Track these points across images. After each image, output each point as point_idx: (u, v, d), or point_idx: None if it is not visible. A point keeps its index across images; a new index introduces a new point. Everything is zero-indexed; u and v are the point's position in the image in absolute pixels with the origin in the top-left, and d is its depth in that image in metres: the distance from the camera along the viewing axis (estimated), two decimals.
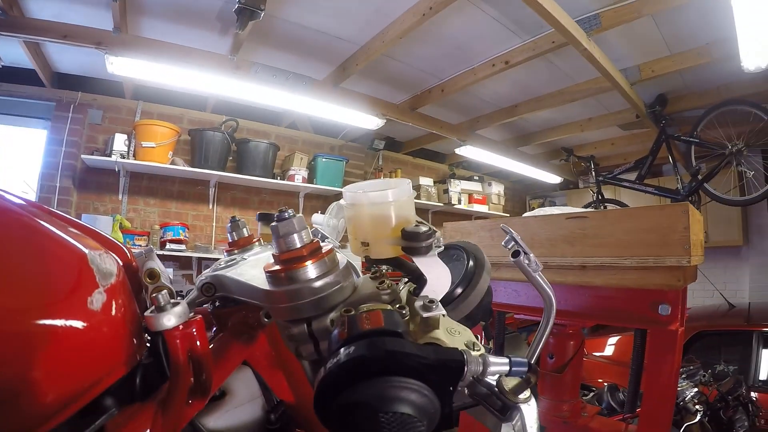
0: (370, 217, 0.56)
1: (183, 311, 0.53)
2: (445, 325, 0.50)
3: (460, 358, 0.43)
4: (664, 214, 1.54)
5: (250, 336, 0.73)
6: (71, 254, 0.52)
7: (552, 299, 0.74)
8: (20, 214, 0.51)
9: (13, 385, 0.41)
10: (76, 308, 0.48)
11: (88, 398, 0.49)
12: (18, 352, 0.42)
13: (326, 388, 0.39)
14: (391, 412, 0.37)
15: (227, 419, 0.76)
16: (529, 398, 0.48)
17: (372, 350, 0.39)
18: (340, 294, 0.54)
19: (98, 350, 0.50)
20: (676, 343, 1.61)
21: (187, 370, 0.54)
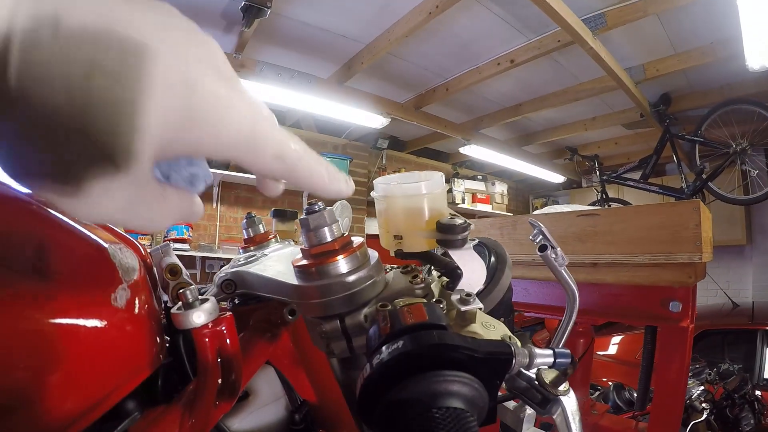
0: (404, 210, 0.55)
1: (213, 308, 0.51)
2: (480, 320, 0.49)
3: (508, 350, 0.42)
4: (675, 212, 1.54)
5: (273, 334, 0.71)
6: (92, 247, 0.50)
7: (576, 294, 0.74)
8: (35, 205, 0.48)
9: (29, 389, 0.38)
10: (99, 305, 0.45)
11: (111, 403, 0.46)
12: (34, 353, 0.39)
13: (373, 386, 0.38)
14: (444, 408, 0.35)
15: (252, 420, 0.75)
16: (569, 390, 0.48)
17: (421, 344, 0.37)
18: (373, 289, 0.53)
19: (122, 350, 0.47)
20: (687, 339, 1.61)
21: (216, 370, 0.52)
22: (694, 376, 3.04)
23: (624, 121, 6.37)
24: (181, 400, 0.53)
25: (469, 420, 0.35)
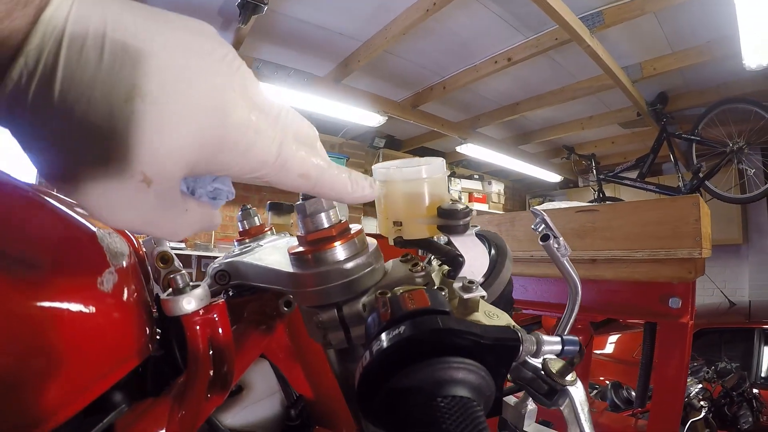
0: (404, 195, 0.53)
1: (204, 294, 0.49)
2: (483, 309, 0.47)
3: (515, 336, 0.40)
4: (675, 207, 1.53)
5: (268, 326, 0.70)
6: (79, 231, 0.48)
7: (578, 285, 0.72)
8: (25, 190, 0.47)
9: (11, 376, 0.37)
10: (85, 289, 0.44)
11: (97, 393, 0.44)
12: (16, 338, 0.37)
13: (373, 374, 0.35)
14: (450, 396, 0.33)
15: (245, 415, 0.73)
16: (576, 380, 0.46)
17: (423, 329, 0.35)
18: (372, 277, 0.51)
19: (108, 337, 0.45)
20: (687, 336, 1.60)
21: (207, 361, 0.49)
22: (692, 374, 3.03)
23: (621, 120, 6.37)
24: (171, 393, 0.51)
25: (477, 409, 0.33)
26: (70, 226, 0.48)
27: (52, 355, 0.39)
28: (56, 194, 0.52)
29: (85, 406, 0.42)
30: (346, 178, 0.42)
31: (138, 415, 0.48)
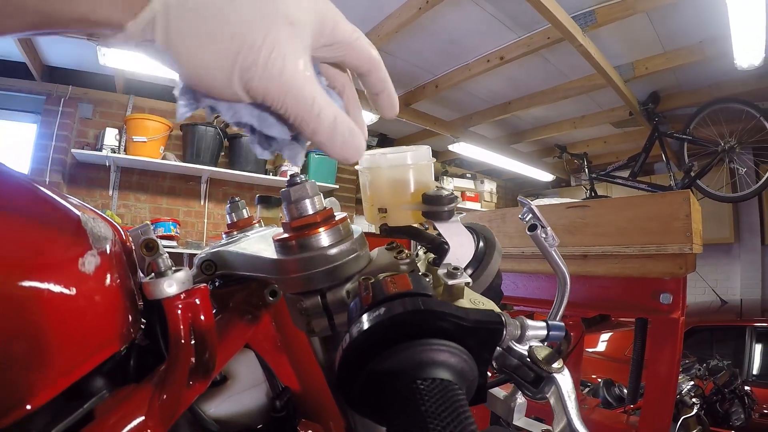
0: (389, 181, 0.53)
1: (186, 278, 0.48)
2: (468, 296, 0.47)
3: (498, 319, 0.39)
4: (665, 202, 1.53)
5: (253, 316, 0.69)
6: (62, 213, 0.48)
7: (566, 277, 0.71)
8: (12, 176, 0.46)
9: None
10: (65, 269, 0.43)
11: (76, 376, 0.43)
12: None
13: (353, 357, 0.35)
14: (430, 379, 0.33)
15: (229, 405, 0.72)
16: (563, 368, 0.45)
17: (404, 310, 0.35)
18: (356, 263, 0.50)
19: (88, 319, 0.45)
20: (678, 332, 1.60)
21: (188, 346, 0.48)
22: (684, 371, 3.04)
23: (613, 119, 6.39)
24: (153, 379, 0.50)
25: (458, 393, 0.32)
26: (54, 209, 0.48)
27: (28, 336, 0.38)
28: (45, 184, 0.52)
29: (64, 388, 0.42)
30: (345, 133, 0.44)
31: (118, 401, 0.47)
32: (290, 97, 0.40)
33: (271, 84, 0.39)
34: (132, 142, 4.88)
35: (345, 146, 0.44)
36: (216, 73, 0.38)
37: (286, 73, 0.39)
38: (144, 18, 0.34)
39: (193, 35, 0.36)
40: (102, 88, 5.17)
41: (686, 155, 5.71)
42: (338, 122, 0.43)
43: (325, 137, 0.43)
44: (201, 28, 0.36)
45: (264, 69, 0.38)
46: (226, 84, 0.39)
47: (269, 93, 0.40)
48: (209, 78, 0.38)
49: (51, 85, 4.93)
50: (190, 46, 0.36)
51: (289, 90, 0.40)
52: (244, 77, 0.38)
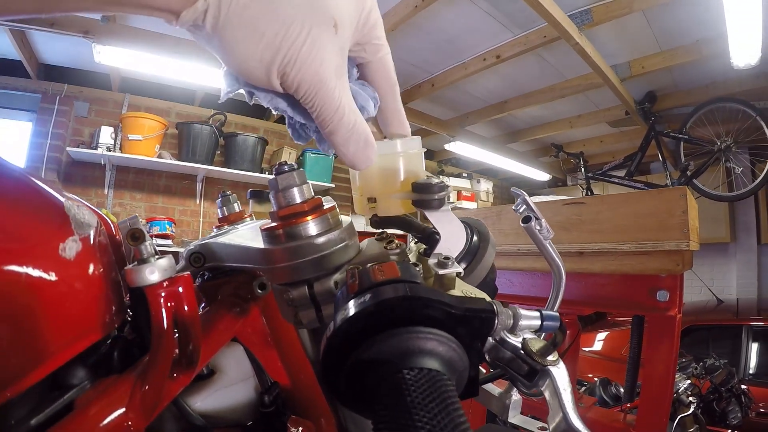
0: (378, 170, 0.52)
1: (169, 265, 0.47)
2: (460, 287, 0.45)
3: (490, 308, 0.37)
4: (662, 198, 1.52)
5: (241, 309, 0.67)
6: (45, 200, 0.47)
7: (561, 270, 0.70)
8: None
9: None
10: (46, 255, 0.42)
11: (55, 364, 0.42)
12: None
13: (337, 346, 0.33)
14: (417, 368, 0.31)
15: (216, 400, 0.71)
16: (558, 361, 0.44)
17: (390, 296, 0.33)
18: (345, 253, 0.49)
19: (68, 306, 0.44)
20: (675, 329, 1.60)
21: (171, 336, 0.47)
22: (681, 370, 3.05)
23: (609, 118, 6.39)
24: (135, 370, 0.49)
25: (447, 383, 0.31)
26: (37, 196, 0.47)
27: (5, 320, 0.38)
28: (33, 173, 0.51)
29: (44, 376, 0.41)
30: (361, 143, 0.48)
31: (99, 392, 0.46)
32: (319, 97, 0.43)
33: (305, 81, 0.42)
34: (127, 140, 4.87)
35: (356, 153, 0.48)
36: (257, 63, 0.41)
37: (320, 74, 0.42)
38: (198, 8, 0.37)
39: (240, 27, 0.39)
40: (98, 86, 5.15)
41: (682, 154, 5.73)
42: (356, 130, 0.46)
43: (341, 140, 0.47)
44: (249, 21, 0.39)
45: (301, 66, 0.41)
46: (265, 74, 0.42)
47: (301, 88, 0.43)
48: (250, 67, 0.41)
49: (46, 83, 4.91)
50: (237, 36, 0.39)
51: (319, 90, 0.43)
52: (282, 70, 0.42)
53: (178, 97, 5.60)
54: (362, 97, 0.50)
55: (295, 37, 0.40)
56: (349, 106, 0.46)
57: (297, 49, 0.41)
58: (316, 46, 0.41)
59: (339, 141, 0.47)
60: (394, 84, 0.54)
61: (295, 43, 0.40)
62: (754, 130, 5.08)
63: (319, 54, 0.42)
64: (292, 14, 0.40)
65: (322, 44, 0.42)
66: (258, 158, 5.68)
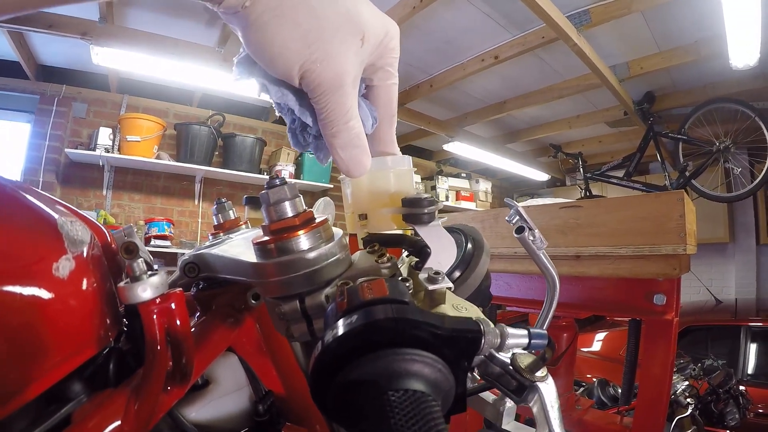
0: (369, 186, 0.52)
1: (161, 282, 0.47)
2: (451, 301, 0.46)
3: (476, 328, 0.38)
4: (659, 202, 1.52)
5: (235, 319, 0.68)
6: (39, 217, 0.48)
7: (555, 279, 0.71)
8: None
9: None
10: (40, 274, 0.43)
11: (51, 380, 0.43)
12: None
13: (324, 365, 0.34)
14: (402, 390, 0.31)
15: (211, 410, 0.71)
16: (546, 376, 0.44)
17: (377, 318, 0.33)
18: (336, 267, 0.49)
19: (63, 324, 0.44)
20: (672, 333, 1.60)
21: (164, 351, 0.48)
22: (679, 371, 3.05)
23: (608, 119, 6.40)
24: (131, 384, 0.50)
25: (432, 404, 0.31)
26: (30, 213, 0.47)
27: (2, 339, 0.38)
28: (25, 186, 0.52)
29: (39, 393, 0.41)
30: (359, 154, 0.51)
31: (96, 405, 0.47)
32: (333, 99, 0.46)
33: (325, 81, 0.45)
34: (126, 141, 4.87)
35: (351, 160, 0.50)
36: (285, 51, 0.44)
37: (341, 78, 0.45)
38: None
39: (280, 16, 0.42)
40: (96, 87, 5.16)
41: (681, 155, 5.73)
42: (356, 137, 0.49)
43: (341, 144, 0.49)
44: (290, 13, 0.42)
45: (325, 68, 0.44)
46: (289, 65, 0.44)
47: (318, 88, 0.45)
48: (276, 54, 0.44)
49: (45, 84, 4.92)
50: (274, 24, 0.42)
51: (335, 92, 0.46)
52: (307, 66, 0.44)
53: (176, 98, 5.60)
54: (363, 112, 0.52)
55: (328, 37, 0.43)
56: (355, 114, 0.48)
57: (327, 51, 0.43)
58: (344, 54, 0.44)
59: (339, 145, 0.49)
60: (393, 114, 0.57)
61: (327, 44, 0.43)
62: (753, 131, 5.09)
63: (344, 60, 0.45)
64: (331, 18, 0.43)
65: (349, 52, 0.45)
66: (256, 159, 5.68)
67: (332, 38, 0.43)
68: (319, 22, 0.43)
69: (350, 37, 0.45)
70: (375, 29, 0.47)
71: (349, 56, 0.45)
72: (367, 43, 0.46)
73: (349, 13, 0.44)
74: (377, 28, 0.47)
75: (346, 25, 0.44)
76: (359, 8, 0.45)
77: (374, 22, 0.47)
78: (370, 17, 0.47)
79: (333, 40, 0.44)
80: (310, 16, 0.42)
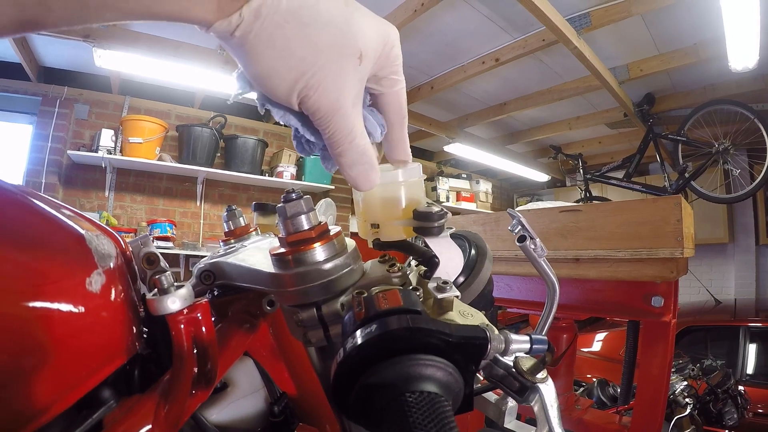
0: (381, 198, 0.55)
1: (188, 294, 0.50)
2: (458, 308, 0.49)
3: (483, 335, 0.41)
4: (657, 207, 1.55)
5: (252, 325, 0.71)
6: (68, 233, 0.50)
7: (556, 285, 0.74)
8: (13, 192, 0.48)
9: (6, 373, 0.39)
10: (74, 290, 0.46)
11: (86, 389, 0.46)
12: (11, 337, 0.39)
13: (346, 370, 0.38)
14: (417, 391, 0.35)
15: (230, 411, 0.75)
16: (546, 378, 0.48)
17: (394, 328, 0.37)
18: (350, 277, 0.53)
19: (97, 335, 0.48)
20: (669, 334, 1.63)
21: (191, 358, 0.51)
22: (678, 371, 3.07)
23: (608, 120, 6.42)
24: (158, 389, 0.52)
25: (444, 404, 0.35)
26: (59, 229, 0.50)
27: (43, 353, 0.41)
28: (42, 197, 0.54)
29: (75, 401, 0.44)
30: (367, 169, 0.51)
31: (126, 410, 0.50)
32: (334, 122, 0.46)
33: (323, 106, 0.44)
34: (128, 143, 4.89)
35: (359, 176, 0.50)
36: (280, 82, 0.43)
37: (339, 101, 0.45)
38: (233, 21, 0.38)
39: (271, 45, 0.40)
40: (98, 89, 5.17)
41: (680, 156, 5.74)
42: (363, 155, 0.49)
43: (347, 162, 0.49)
44: (281, 41, 0.40)
45: (323, 93, 0.44)
46: (286, 93, 0.44)
47: (318, 111, 0.45)
48: (273, 84, 0.43)
49: (47, 86, 4.92)
50: (266, 53, 0.41)
51: (335, 115, 0.45)
52: (303, 93, 0.43)
53: (178, 99, 5.62)
54: (371, 123, 0.53)
55: (322, 64, 0.42)
56: (360, 131, 0.48)
57: (322, 77, 0.43)
58: (341, 76, 0.44)
59: (346, 163, 0.49)
60: (404, 116, 0.56)
61: (321, 70, 0.42)
62: (752, 132, 5.11)
63: (341, 83, 0.44)
64: (324, 42, 0.42)
65: (346, 74, 0.44)
66: (258, 160, 5.69)
67: (327, 63, 0.43)
68: (313, 49, 0.42)
69: (346, 59, 0.44)
70: (372, 43, 0.46)
71: (347, 78, 0.45)
72: (365, 59, 0.45)
73: (344, 33, 0.43)
74: (375, 41, 0.46)
75: (341, 46, 0.43)
76: (354, 25, 0.44)
77: (371, 35, 0.46)
78: (366, 30, 0.45)
79: (328, 65, 0.43)
80: (303, 43, 0.41)
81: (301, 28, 0.41)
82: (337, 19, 0.42)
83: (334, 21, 0.42)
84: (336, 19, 0.42)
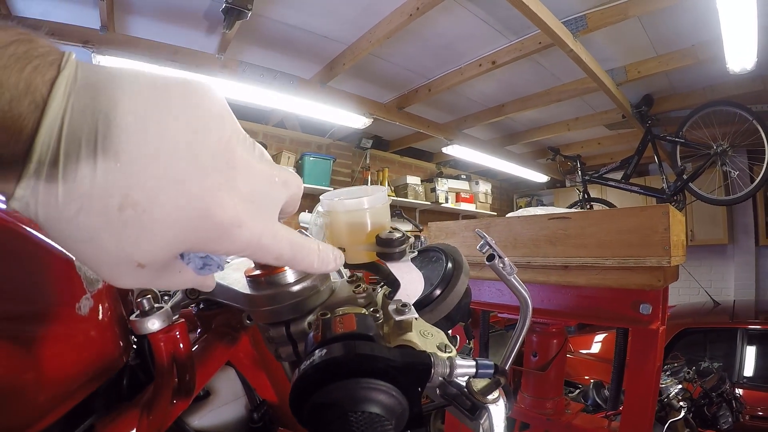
0: (346, 224, 0.58)
1: (166, 315, 0.56)
2: (418, 328, 0.52)
3: (427, 360, 0.45)
4: (645, 215, 1.56)
5: (233, 337, 0.75)
6: (59, 261, 0.53)
7: (528, 301, 0.76)
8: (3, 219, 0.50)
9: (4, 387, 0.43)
10: (65, 315, 0.50)
11: (77, 399, 0.51)
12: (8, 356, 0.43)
13: (300, 389, 0.42)
14: (360, 412, 0.39)
15: (211, 418, 0.79)
16: (498, 399, 0.50)
17: (342, 353, 0.41)
18: (318, 298, 0.56)
19: (86, 353, 0.52)
20: (657, 341, 1.64)
21: (171, 372, 0.56)
22: (673, 374, 3.08)
23: (606, 121, 6.43)
24: (142, 399, 0.58)
25: (385, 424, 0.40)
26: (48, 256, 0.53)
27: (38, 370, 0.46)
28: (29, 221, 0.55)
29: (68, 410, 0.50)
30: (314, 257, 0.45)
31: (113, 418, 0.55)
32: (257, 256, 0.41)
33: (252, 250, 0.39)
34: None
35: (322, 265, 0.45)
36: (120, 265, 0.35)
37: (262, 239, 0.39)
38: (22, 197, 0.31)
39: (74, 232, 0.33)
40: None
41: (679, 158, 5.74)
42: (297, 253, 0.43)
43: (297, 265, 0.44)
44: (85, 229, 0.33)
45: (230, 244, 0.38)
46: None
47: (254, 256, 0.41)
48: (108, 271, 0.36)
49: None
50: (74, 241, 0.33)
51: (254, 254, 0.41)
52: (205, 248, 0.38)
53: None
54: None
55: None
56: (292, 246, 0.42)
57: None
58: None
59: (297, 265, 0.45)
60: (279, 256, 0.43)
61: None
62: (751, 134, 5.12)
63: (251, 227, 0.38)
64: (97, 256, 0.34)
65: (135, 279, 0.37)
66: None
67: None
68: None
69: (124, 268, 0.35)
70: (158, 250, 0.35)
71: (257, 221, 0.39)
72: (149, 265, 0.36)
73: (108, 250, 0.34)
74: (160, 247, 0.35)
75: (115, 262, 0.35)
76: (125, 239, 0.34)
77: (154, 238, 0.35)
78: (145, 236, 0.34)
79: None
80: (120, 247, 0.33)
81: (66, 241, 0.33)
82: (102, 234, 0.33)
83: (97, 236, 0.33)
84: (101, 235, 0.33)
